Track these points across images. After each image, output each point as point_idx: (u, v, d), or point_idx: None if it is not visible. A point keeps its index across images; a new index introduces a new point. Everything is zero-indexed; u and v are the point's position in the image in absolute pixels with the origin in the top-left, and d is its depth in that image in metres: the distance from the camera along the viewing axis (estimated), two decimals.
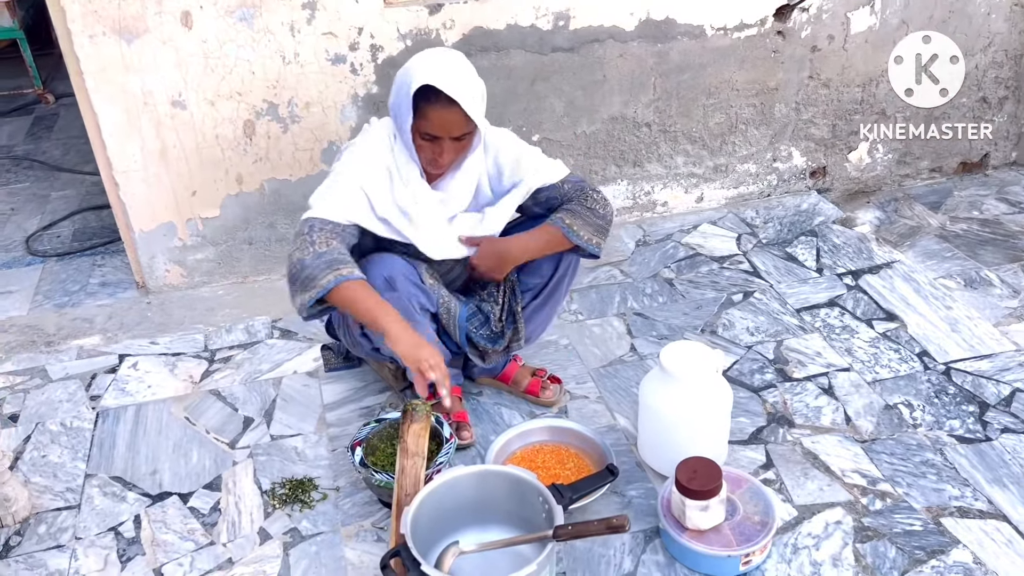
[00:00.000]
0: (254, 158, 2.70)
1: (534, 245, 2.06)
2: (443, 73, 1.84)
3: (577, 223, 2.03)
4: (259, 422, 2.29)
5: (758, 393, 2.32)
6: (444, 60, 1.90)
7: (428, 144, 1.92)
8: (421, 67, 1.86)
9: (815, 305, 2.68)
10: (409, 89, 1.85)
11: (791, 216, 3.17)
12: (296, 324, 2.67)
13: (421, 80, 1.83)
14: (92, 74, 2.47)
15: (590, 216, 2.04)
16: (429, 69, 1.85)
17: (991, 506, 1.96)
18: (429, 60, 1.89)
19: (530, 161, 2.08)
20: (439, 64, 1.87)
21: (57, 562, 1.91)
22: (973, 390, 2.30)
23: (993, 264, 2.85)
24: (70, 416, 2.34)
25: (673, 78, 2.95)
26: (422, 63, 1.88)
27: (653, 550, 1.88)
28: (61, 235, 3.27)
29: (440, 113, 1.86)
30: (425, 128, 1.89)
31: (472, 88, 1.88)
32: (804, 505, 1.98)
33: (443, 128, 1.88)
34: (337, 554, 1.90)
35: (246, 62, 2.56)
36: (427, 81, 1.83)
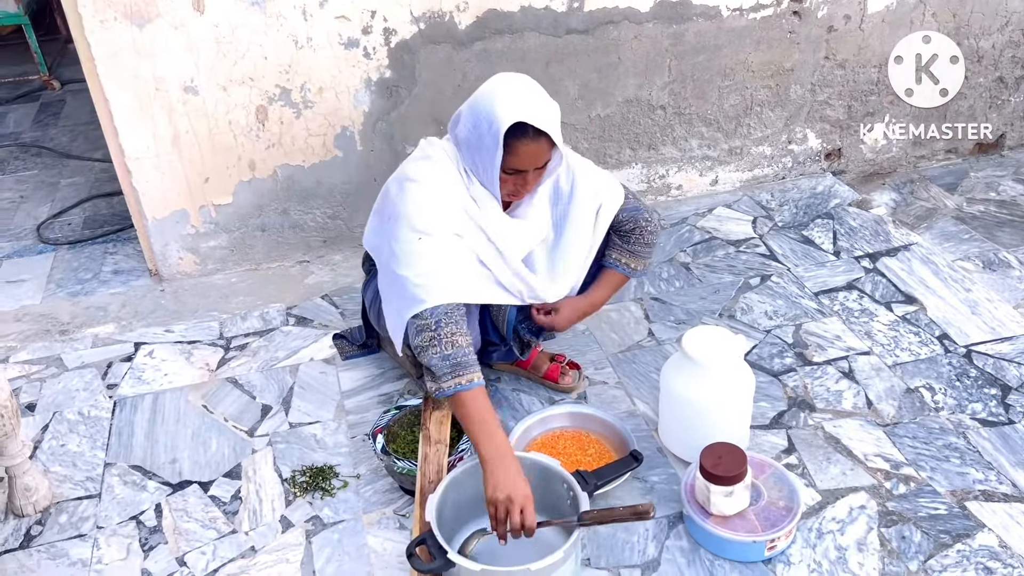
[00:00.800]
0: (267, 144, 2.68)
1: (605, 297, 2.15)
2: (529, 106, 1.76)
3: (634, 262, 2.11)
4: (277, 410, 2.28)
5: (778, 377, 2.31)
6: (524, 91, 1.80)
7: (511, 177, 1.85)
8: (505, 102, 1.76)
9: (833, 288, 2.66)
10: (499, 128, 1.75)
11: (807, 199, 3.15)
12: (311, 311, 2.66)
13: (511, 118, 1.74)
14: (103, 59, 2.44)
15: (646, 252, 2.11)
16: (514, 104, 1.75)
17: (1016, 489, 1.95)
18: (510, 92, 1.78)
19: (590, 182, 2.00)
20: (522, 96, 1.78)
21: (79, 551, 1.91)
22: (995, 373, 2.29)
23: (1011, 246, 2.83)
24: (87, 405, 2.33)
25: (688, 60, 2.92)
26: (504, 97, 1.77)
27: (677, 536, 1.88)
28: (72, 223, 3.26)
29: (529, 147, 1.78)
30: (512, 164, 1.81)
31: (554, 115, 1.81)
32: (828, 490, 1.97)
33: (531, 161, 1.81)
34: (360, 541, 1.90)
35: (258, 47, 2.53)
36: (518, 118, 1.74)
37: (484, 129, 1.79)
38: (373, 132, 2.75)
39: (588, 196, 2.00)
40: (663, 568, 1.80)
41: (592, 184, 2.01)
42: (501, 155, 1.78)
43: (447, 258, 1.84)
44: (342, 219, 2.87)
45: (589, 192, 2.00)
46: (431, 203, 1.86)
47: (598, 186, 2.01)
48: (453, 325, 1.79)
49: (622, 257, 2.09)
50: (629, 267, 2.10)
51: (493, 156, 1.79)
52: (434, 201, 1.86)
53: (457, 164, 1.90)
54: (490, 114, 1.77)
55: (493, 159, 1.80)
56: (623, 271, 2.10)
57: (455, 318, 1.80)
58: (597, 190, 2.01)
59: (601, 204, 2.01)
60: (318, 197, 2.81)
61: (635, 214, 2.06)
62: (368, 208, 2.85)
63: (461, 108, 1.88)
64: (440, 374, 1.76)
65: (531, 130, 1.76)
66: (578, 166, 2.01)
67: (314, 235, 2.88)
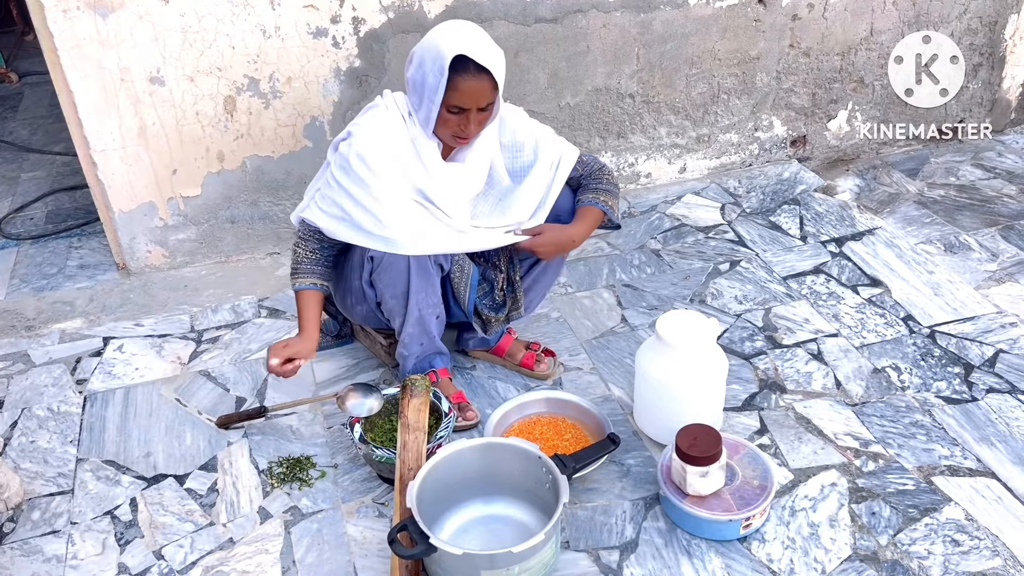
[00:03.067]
0: (235, 135, 2.66)
1: (587, 230, 2.11)
2: (473, 42, 1.82)
3: (611, 201, 2.12)
4: (251, 402, 2.27)
5: (749, 360, 2.35)
6: (468, 30, 1.87)
7: (454, 117, 1.89)
8: (448, 38, 1.83)
9: (801, 273, 2.71)
10: (444, 61, 1.81)
11: (773, 185, 3.20)
12: (283, 303, 2.64)
13: (454, 50, 1.80)
14: (66, 50, 2.40)
15: (615, 191, 2.15)
16: (458, 40, 1.82)
17: (980, 464, 2.00)
18: (454, 31, 1.85)
19: (551, 142, 2.08)
20: (465, 34, 1.85)
21: (54, 547, 1.89)
22: (958, 352, 2.35)
23: (971, 229, 2.90)
24: (56, 401, 2.29)
25: (656, 48, 2.95)
26: (448, 34, 1.84)
27: (654, 517, 1.90)
28: (34, 217, 3.20)
29: (471, 83, 1.84)
30: (454, 100, 1.86)
31: (499, 55, 1.87)
32: (800, 468, 2.01)
33: (473, 99, 1.86)
34: (339, 531, 1.90)
35: (226, 36, 2.50)
36: (461, 51, 1.80)
37: (429, 65, 1.84)
38: (343, 122, 2.73)
39: (549, 146, 2.07)
40: (641, 549, 1.83)
41: (554, 139, 2.10)
42: (443, 89, 1.83)
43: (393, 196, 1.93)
44: None
45: (551, 145, 2.08)
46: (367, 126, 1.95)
47: (559, 143, 2.10)
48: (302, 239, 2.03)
49: (598, 196, 2.11)
50: (605, 203, 2.11)
51: (435, 91, 1.84)
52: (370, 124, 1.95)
53: (400, 109, 1.97)
54: (435, 48, 1.83)
55: (435, 93, 1.84)
56: (600, 206, 2.10)
57: (307, 234, 2.03)
58: (558, 146, 2.09)
59: (561, 156, 2.09)
60: (288, 188, 2.79)
61: (591, 160, 2.15)
62: None
63: (412, 50, 1.93)
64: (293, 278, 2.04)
65: (473, 66, 1.81)
66: (538, 125, 2.10)
67: (284, 227, 2.86)
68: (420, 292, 2.01)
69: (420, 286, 2.00)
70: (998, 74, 3.39)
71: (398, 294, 2.01)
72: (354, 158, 1.93)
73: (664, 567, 1.79)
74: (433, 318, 2.08)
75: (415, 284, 1.99)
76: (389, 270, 1.98)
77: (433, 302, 2.05)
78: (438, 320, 2.10)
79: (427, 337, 2.11)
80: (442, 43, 1.83)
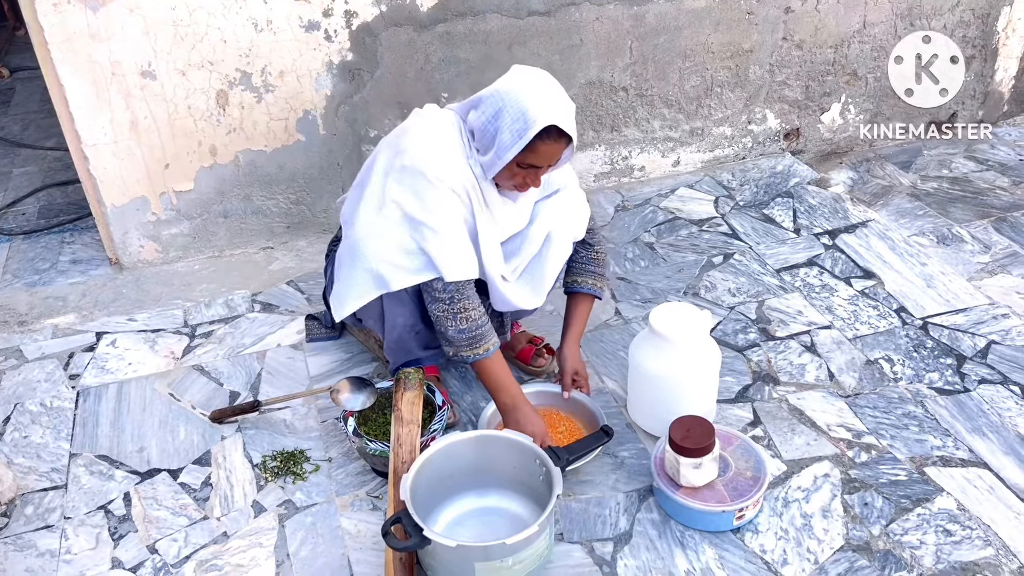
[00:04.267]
0: (228, 129, 2.65)
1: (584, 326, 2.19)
2: (559, 109, 1.77)
3: (600, 283, 2.17)
4: (245, 396, 2.27)
5: (742, 352, 2.36)
6: (554, 91, 1.80)
7: (522, 172, 1.85)
8: (536, 100, 1.76)
9: (794, 265, 2.71)
10: (529, 127, 1.75)
11: (767, 178, 3.20)
12: (277, 297, 2.64)
13: (544, 120, 1.74)
14: (57, 44, 2.39)
15: (606, 271, 2.19)
16: (546, 104, 1.76)
17: (972, 455, 2.01)
18: (542, 92, 1.78)
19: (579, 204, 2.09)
20: (551, 96, 1.78)
21: (47, 542, 1.89)
22: (950, 343, 2.36)
23: (964, 221, 2.91)
24: (49, 396, 2.29)
25: (649, 41, 2.94)
26: (537, 95, 1.77)
27: (647, 509, 1.91)
28: (26, 212, 3.19)
29: (552, 148, 1.79)
30: (530, 160, 1.81)
31: (573, 112, 1.83)
32: (793, 460, 2.02)
33: (549, 159, 1.82)
34: (333, 524, 1.90)
35: (217, 30, 2.49)
36: (553, 121, 1.75)
37: (507, 122, 1.77)
38: (336, 116, 2.73)
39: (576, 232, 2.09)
40: (635, 540, 1.84)
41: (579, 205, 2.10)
42: (520, 150, 1.78)
43: (457, 224, 1.87)
44: (305, 204, 2.85)
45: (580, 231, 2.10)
46: (439, 151, 1.86)
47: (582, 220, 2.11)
48: (466, 300, 1.88)
49: (599, 284, 2.16)
50: (601, 291, 2.17)
51: (510, 148, 1.78)
52: (441, 150, 1.86)
53: (460, 132, 1.90)
54: (519, 108, 1.76)
55: (507, 152, 1.79)
56: (598, 295, 2.16)
57: (467, 293, 1.88)
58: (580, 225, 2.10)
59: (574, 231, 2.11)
60: (281, 182, 2.79)
61: (592, 230, 2.15)
62: (331, 192, 2.85)
63: (482, 94, 1.85)
64: (459, 346, 1.91)
65: (556, 131, 1.77)
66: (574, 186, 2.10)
67: (277, 221, 2.85)
68: (398, 317, 1.97)
69: (397, 316, 1.97)
70: (991, 66, 3.39)
71: (375, 316, 2.00)
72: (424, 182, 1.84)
73: (658, 558, 1.79)
74: (411, 335, 2.04)
75: (390, 313, 1.96)
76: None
77: (411, 323, 2.00)
78: (418, 335, 2.05)
79: (407, 351, 2.07)
80: (529, 104, 1.75)
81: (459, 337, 1.89)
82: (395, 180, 1.85)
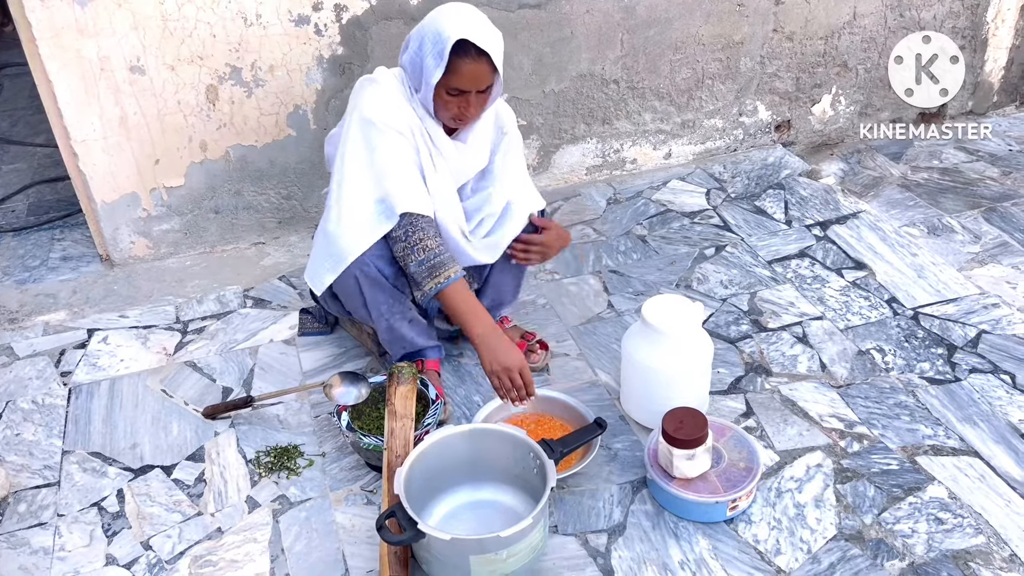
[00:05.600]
0: (218, 124, 2.64)
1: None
2: (474, 25, 1.83)
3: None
4: (238, 392, 2.26)
5: (735, 344, 2.36)
6: (468, 12, 1.87)
7: (454, 99, 1.89)
8: (449, 21, 1.83)
9: (786, 256, 2.72)
10: (445, 44, 1.81)
11: (758, 170, 3.20)
12: (269, 293, 2.63)
13: (456, 34, 1.80)
14: (45, 40, 2.37)
15: None
16: (458, 23, 1.82)
17: (963, 443, 2.02)
18: (455, 14, 1.85)
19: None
20: (466, 17, 1.85)
21: (40, 540, 1.88)
22: (941, 333, 2.37)
23: (954, 211, 2.92)
24: (41, 393, 2.28)
25: (640, 33, 2.94)
26: (448, 17, 1.84)
27: (641, 500, 1.91)
28: (16, 209, 3.17)
29: (472, 66, 1.83)
30: (454, 83, 1.86)
31: (498, 38, 1.87)
32: (785, 450, 2.02)
33: (473, 81, 1.86)
34: (327, 519, 1.90)
35: (206, 24, 2.48)
36: (462, 35, 1.80)
37: (428, 47, 1.83)
38: (326, 110, 2.72)
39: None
40: (629, 532, 1.84)
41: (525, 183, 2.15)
42: (443, 71, 1.82)
43: (406, 161, 1.91)
44: (297, 199, 2.84)
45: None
46: (383, 99, 1.92)
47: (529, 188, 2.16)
48: (420, 232, 1.90)
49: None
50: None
51: (434, 71, 1.83)
52: (386, 98, 1.93)
53: (402, 82, 1.96)
54: (435, 31, 1.83)
55: (433, 75, 1.84)
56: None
57: (420, 224, 1.90)
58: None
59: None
60: (272, 177, 2.78)
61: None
62: (322, 187, 2.82)
63: (409, 34, 1.92)
64: (420, 279, 1.90)
65: (473, 49, 1.81)
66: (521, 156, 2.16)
67: (269, 216, 2.84)
68: (381, 304, 1.99)
69: (378, 299, 1.98)
70: (980, 57, 3.40)
71: (358, 306, 2.02)
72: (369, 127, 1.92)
73: (652, 549, 1.80)
74: (404, 323, 2.05)
75: (371, 298, 1.98)
76: (343, 287, 2.00)
77: (399, 309, 2.02)
78: (411, 323, 2.07)
79: (405, 341, 2.09)
80: (443, 26, 1.82)
81: (419, 270, 1.89)
82: (352, 134, 1.93)
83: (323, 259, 1.98)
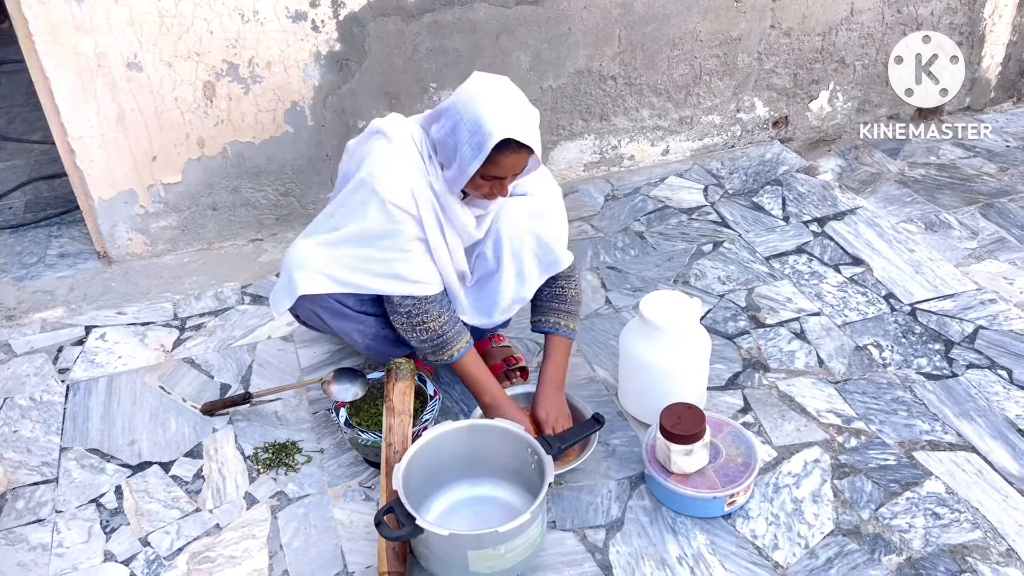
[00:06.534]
0: (215, 121, 2.63)
1: (565, 370, 2.05)
2: (516, 120, 1.72)
3: (573, 322, 2.06)
4: (236, 388, 2.26)
5: (732, 340, 2.36)
6: (509, 100, 1.75)
7: (487, 183, 1.80)
8: (490, 112, 1.71)
9: (783, 252, 2.72)
10: (485, 139, 1.70)
11: (755, 166, 3.21)
12: (267, 289, 2.63)
13: (499, 133, 1.69)
14: (41, 36, 2.37)
15: (574, 307, 2.07)
16: (500, 116, 1.71)
17: (960, 439, 2.03)
18: (496, 102, 1.73)
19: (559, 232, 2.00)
20: (507, 107, 1.73)
21: (39, 536, 1.88)
22: (938, 329, 2.37)
23: (951, 207, 2.92)
24: (39, 390, 2.28)
25: (637, 30, 2.94)
26: (490, 107, 1.72)
27: (639, 496, 1.92)
28: (13, 206, 3.16)
29: (512, 159, 1.75)
30: (492, 172, 1.77)
31: (536, 124, 1.78)
32: (783, 446, 2.03)
33: (512, 169, 1.78)
34: (326, 515, 1.90)
35: (203, 20, 2.48)
36: (506, 134, 1.70)
37: (465, 135, 1.73)
38: (324, 107, 2.72)
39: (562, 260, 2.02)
40: (627, 527, 1.84)
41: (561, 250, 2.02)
42: (481, 163, 1.74)
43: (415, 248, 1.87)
44: (294, 196, 2.84)
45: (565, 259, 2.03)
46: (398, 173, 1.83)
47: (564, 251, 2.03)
48: (423, 315, 1.90)
49: (571, 324, 2.06)
50: (573, 331, 2.06)
51: (471, 162, 1.74)
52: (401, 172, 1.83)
53: (421, 149, 1.86)
54: (475, 120, 1.72)
55: (471, 164, 1.74)
56: (571, 337, 2.06)
57: (424, 305, 1.89)
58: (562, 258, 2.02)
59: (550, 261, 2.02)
60: (269, 174, 2.77)
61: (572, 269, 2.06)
62: (320, 184, 2.85)
63: (443, 106, 1.81)
64: (425, 353, 1.95)
65: (515, 144, 1.73)
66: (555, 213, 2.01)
67: (266, 213, 2.84)
68: (352, 332, 1.99)
69: (346, 327, 1.98)
70: (977, 53, 3.40)
71: (328, 330, 2.02)
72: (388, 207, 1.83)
73: (649, 544, 1.80)
74: (380, 340, 2.03)
75: (337, 327, 1.98)
76: (306, 315, 1.99)
77: (371, 332, 2.00)
78: (387, 340, 2.04)
79: (387, 355, 2.07)
80: (484, 116, 1.71)
81: (423, 347, 1.93)
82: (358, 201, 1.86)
83: (285, 282, 1.92)
